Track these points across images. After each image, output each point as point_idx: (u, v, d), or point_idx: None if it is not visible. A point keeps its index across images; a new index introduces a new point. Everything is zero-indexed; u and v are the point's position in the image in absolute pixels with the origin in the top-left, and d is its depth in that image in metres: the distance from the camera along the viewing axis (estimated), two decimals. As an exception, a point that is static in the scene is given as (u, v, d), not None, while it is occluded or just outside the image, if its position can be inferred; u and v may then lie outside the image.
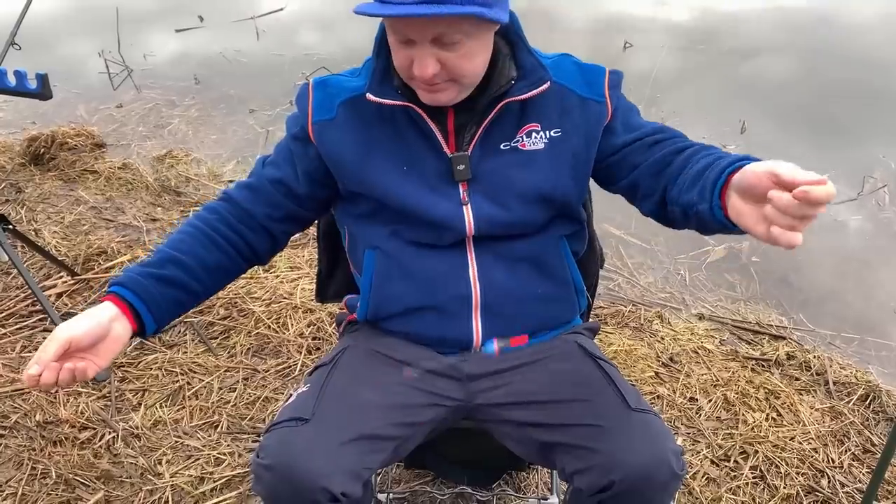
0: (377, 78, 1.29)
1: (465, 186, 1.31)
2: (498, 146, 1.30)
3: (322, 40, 5.40)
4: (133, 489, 1.94)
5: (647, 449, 1.18)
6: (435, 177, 1.31)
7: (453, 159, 1.29)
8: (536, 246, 1.36)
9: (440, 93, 1.23)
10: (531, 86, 1.27)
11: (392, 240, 1.35)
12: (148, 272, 1.25)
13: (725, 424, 2.18)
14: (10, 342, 2.42)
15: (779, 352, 2.49)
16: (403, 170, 1.31)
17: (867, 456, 2.11)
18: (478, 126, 1.29)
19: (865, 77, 4.79)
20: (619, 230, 3.22)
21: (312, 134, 1.34)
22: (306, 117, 1.34)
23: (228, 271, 1.37)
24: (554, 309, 1.42)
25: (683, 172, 1.21)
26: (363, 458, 1.23)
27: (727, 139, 4.05)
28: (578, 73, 1.33)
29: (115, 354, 1.19)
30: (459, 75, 1.20)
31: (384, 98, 1.28)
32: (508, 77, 1.27)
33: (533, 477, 1.98)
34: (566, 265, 1.40)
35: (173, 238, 1.32)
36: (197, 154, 3.83)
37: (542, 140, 1.30)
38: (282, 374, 2.34)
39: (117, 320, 1.19)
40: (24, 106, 4.30)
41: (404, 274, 1.35)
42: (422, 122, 1.29)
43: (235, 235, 1.35)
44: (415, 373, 1.36)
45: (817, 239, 3.24)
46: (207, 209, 1.37)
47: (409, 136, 1.31)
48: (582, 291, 1.46)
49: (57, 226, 3.09)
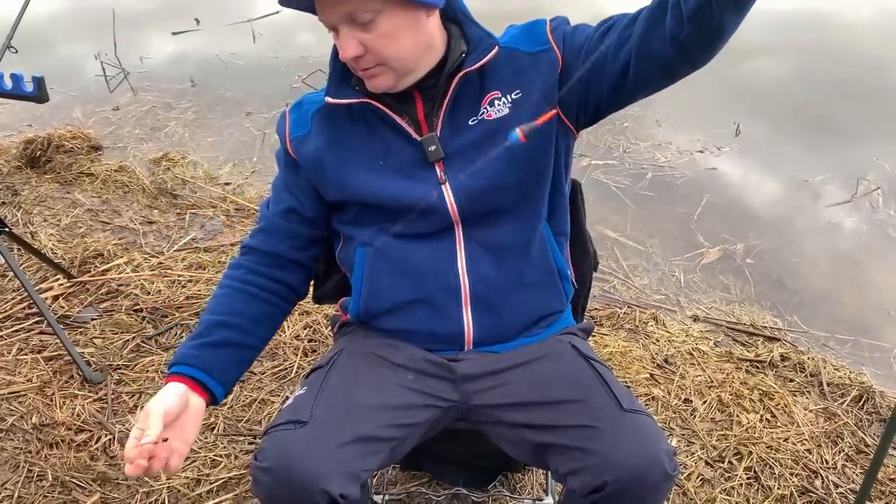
0: (335, 80, 1.34)
1: (441, 166, 1.33)
2: (466, 123, 1.32)
3: (318, 42, 5.39)
4: (129, 491, 1.95)
5: (639, 449, 1.19)
6: (410, 164, 1.33)
7: (423, 141, 1.32)
8: (521, 231, 1.37)
9: (376, 78, 1.27)
10: (481, 54, 1.30)
11: (381, 236, 1.37)
12: (198, 343, 1.31)
13: (720, 426, 2.19)
14: (6, 345, 2.42)
15: (773, 353, 2.50)
16: (379, 164, 1.34)
17: (860, 457, 2.12)
18: (440, 106, 1.32)
19: (860, 78, 4.81)
20: (613, 232, 3.24)
21: (293, 152, 1.39)
22: (285, 139, 1.40)
23: (274, 317, 1.43)
24: (541, 296, 1.43)
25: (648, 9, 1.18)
26: (361, 459, 1.24)
27: (722, 141, 4.07)
28: (522, 33, 1.35)
29: (198, 429, 1.25)
30: (384, 58, 1.24)
31: (342, 98, 1.33)
32: (459, 52, 1.30)
33: (528, 478, 1.99)
34: (549, 250, 1.40)
35: (212, 305, 1.37)
36: (193, 156, 3.83)
37: (506, 105, 1.32)
38: (278, 377, 2.34)
39: (189, 395, 1.25)
40: (21, 108, 4.30)
41: (394, 269, 1.37)
42: (385, 115, 1.32)
43: (269, 281, 1.40)
44: (410, 374, 1.37)
45: (811, 241, 3.26)
46: (233, 267, 1.42)
47: (380, 132, 1.34)
48: (566, 278, 1.47)
49: (53, 228, 3.09)
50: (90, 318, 2.55)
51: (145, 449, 1.11)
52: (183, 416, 1.22)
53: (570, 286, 1.50)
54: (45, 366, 2.33)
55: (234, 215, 3.25)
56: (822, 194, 3.61)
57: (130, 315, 2.57)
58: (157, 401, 1.18)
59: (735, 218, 3.39)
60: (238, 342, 1.34)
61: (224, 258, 2.90)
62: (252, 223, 3.18)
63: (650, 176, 3.74)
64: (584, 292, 1.65)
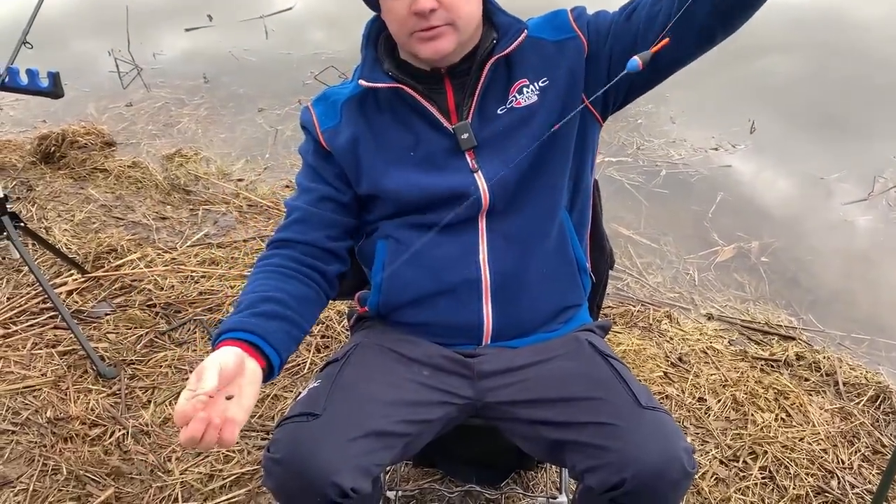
0: (368, 66, 1.35)
1: (472, 155, 1.33)
2: (495, 111, 1.33)
3: (330, 39, 5.40)
4: (143, 486, 1.95)
5: (659, 447, 1.18)
6: (441, 154, 1.33)
7: (456, 129, 1.32)
8: (543, 221, 1.37)
9: (440, 39, 1.25)
10: (511, 39, 1.31)
11: (404, 229, 1.37)
12: (247, 313, 1.21)
13: (734, 425, 2.18)
14: (21, 339, 2.43)
15: (788, 352, 2.48)
16: (410, 155, 1.34)
17: (877, 457, 2.10)
18: (472, 94, 1.32)
19: (875, 75, 4.76)
20: (627, 230, 3.22)
21: (325, 143, 1.38)
22: (315, 131, 1.39)
23: (313, 301, 1.33)
24: (560, 288, 1.43)
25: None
26: (373, 454, 1.23)
27: (736, 139, 4.04)
28: (545, 23, 1.37)
29: (256, 396, 1.11)
30: (456, 16, 1.24)
31: (376, 82, 1.32)
32: (490, 38, 1.32)
33: (542, 476, 1.98)
34: (568, 241, 1.41)
35: (251, 286, 1.29)
36: (206, 153, 3.84)
37: (534, 92, 1.33)
38: (291, 373, 2.34)
39: (245, 358, 1.13)
40: (35, 104, 4.33)
41: (415, 261, 1.36)
42: (416, 102, 1.32)
43: (306, 268, 1.34)
44: (425, 370, 1.36)
45: (827, 239, 3.23)
46: (265, 258, 1.35)
47: (409, 121, 1.34)
48: (585, 270, 1.47)
49: (67, 224, 3.10)
50: (104, 314, 2.55)
51: (199, 403, 0.99)
52: (239, 377, 1.10)
53: (588, 279, 1.49)
54: (60, 360, 2.34)
55: (247, 211, 3.25)
56: (837, 192, 3.58)
57: (144, 310, 2.57)
58: (212, 358, 1.07)
59: (750, 216, 3.37)
60: (287, 316, 1.24)
61: (237, 254, 2.91)
62: (265, 219, 3.19)
63: (664, 173, 3.72)
64: (600, 290, 1.65)
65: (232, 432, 1.03)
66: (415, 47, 1.28)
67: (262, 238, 3.03)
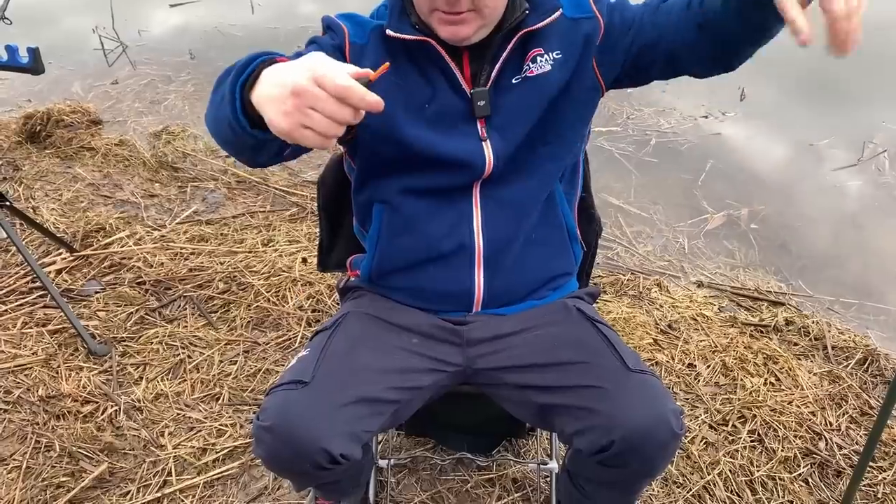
0: (395, 15, 1.29)
1: (483, 123, 1.31)
2: (510, 81, 1.30)
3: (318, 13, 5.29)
4: (136, 461, 1.96)
5: (646, 409, 1.19)
6: (453, 116, 1.31)
7: (474, 95, 1.29)
8: (538, 189, 1.37)
9: (462, 25, 1.22)
10: (543, 15, 1.28)
11: (401, 194, 1.35)
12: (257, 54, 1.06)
13: (724, 390, 2.20)
14: (10, 318, 2.42)
15: (777, 318, 2.49)
16: (424, 107, 1.30)
17: (865, 419, 2.12)
18: (492, 64, 1.29)
19: (866, 40, 4.72)
20: (617, 199, 3.22)
21: (349, 55, 1.29)
22: (344, 37, 1.30)
23: None
24: (551, 256, 1.43)
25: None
26: (362, 420, 1.24)
27: (726, 106, 4.04)
28: (566, 0, 1.33)
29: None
30: (484, 3, 1.20)
31: (403, 34, 1.26)
32: (522, 9, 1.27)
33: (532, 443, 2.00)
34: (559, 208, 1.41)
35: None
36: (194, 129, 3.80)
37: (549, 62, 1.31)
38: (282, 347, 2.34)
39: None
40: (20, 83, 4.27)
41: (410, 227, 1.35)
42: (440, 60, 1.28)
43: None
44: (414, 338, 1.37)
45: (817, 205, 3.24)
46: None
47: (430, 75, 1.30)
48: (576, 238, 1.47)
49: (55, 203, 3.08)
50: (94, 292, 2.55)
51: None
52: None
53: (578, 248, 1.49)
54: (50, 339, 2.34)
55: (236, 188, 3.24)
56: (827, 158, 3.58)
57: (134, 288, 2.56)
58: (321, 61, 0.93)
59: (739, 183, 3.37)
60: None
61: (226, 230, 2.90)
62: (253, 195, 3.17)
63: (654, 142, 3.71)
64: (589, 258, 1.65)
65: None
66: (434, 25, 1.24)
67: (250, 214, 3.02)
